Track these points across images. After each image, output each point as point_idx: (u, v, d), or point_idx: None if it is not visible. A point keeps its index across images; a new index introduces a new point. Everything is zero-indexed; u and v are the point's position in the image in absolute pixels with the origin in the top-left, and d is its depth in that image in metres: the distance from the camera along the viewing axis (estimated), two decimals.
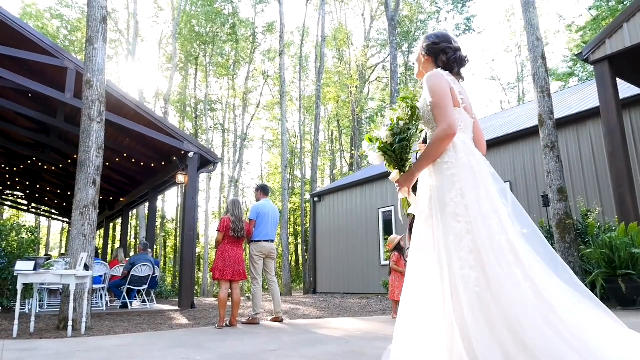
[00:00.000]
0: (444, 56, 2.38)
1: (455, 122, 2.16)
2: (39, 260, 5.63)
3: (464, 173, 2.12)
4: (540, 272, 1.97)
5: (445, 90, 2.20)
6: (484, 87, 58.70)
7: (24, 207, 22.17)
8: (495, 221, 2.02)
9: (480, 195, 2.07)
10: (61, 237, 37.33)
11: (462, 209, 2.04)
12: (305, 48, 31.98)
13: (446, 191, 2.11)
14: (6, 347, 4.30)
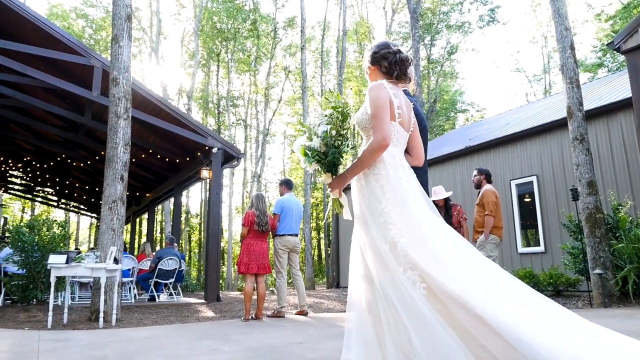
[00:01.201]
0: (385, 61, 2.45)
1: (389, 134, 2.25)
2: (71, 254, 5.79)
3: (393, 184, 2.22)
4: (473, 270, 2.08)
5: (384, 102, 2.28)
6: (508, 80, 57.57)
7: (54, 202, 22.77)
8: (427, 225, 2.15)
9: (411, 204, 2.19)
10: (89, 232, 38.23)
11: (393, 216, 2.15)
12: (326, 42, 31.88)
13: (375, 201, 2.22)
14: (42, 337, 4.44)
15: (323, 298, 10.37)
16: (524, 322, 1.90)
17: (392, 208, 2.17)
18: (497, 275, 2.10)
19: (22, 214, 37.42)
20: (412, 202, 2.19)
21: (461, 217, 6.78)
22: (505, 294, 2.01)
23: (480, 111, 35.61)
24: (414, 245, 2.10)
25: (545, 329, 1.90)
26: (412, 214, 2.17)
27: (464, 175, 11.57)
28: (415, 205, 2.20)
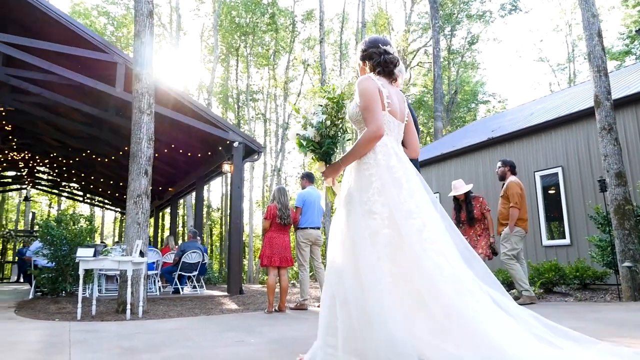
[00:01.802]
0: (371, 61, 2.52)
1: (382, 124, 2.29)
2: (98, 247, 5.91)
3: (382, 173, 2.25)
4: (459, 264, 2.14)
5: (373, 94, 2.33)
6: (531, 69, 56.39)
7: (80, 197, 23.29)
8: (418, 216, 2.17)
9: (401, 193, 2.21)
10: (114, 226, 38.97)
11: (378, 206, 2.19)
12: (345, 35, 31.72)
13: (364, 190, 2.25)
14: (72, 328, 4.56)
15: None
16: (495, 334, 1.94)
17: (378, 197, 2.21)
18: (472, 279, 2.12)
19: (49, 208, 38.36)
20: (400, 192, 2.22)
21: (484, 208, 6.70)
22: (472, 298, 2.04)
23: (502, 102, 34.99)
24: (396, 237, 2.14)
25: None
26: (399, 204, 2.19)
27: (486, 167, 11.41)
28: (405, 195, 2.22)
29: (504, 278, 8.63)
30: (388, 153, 2.31)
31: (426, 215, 2.22)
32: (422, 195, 2.29)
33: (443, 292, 2.04)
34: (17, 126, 12.72)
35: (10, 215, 38.15)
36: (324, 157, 2.49)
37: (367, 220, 2.19)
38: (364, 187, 2.26)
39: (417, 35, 33.53)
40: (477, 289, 2.10)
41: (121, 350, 3.34)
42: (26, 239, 22.96)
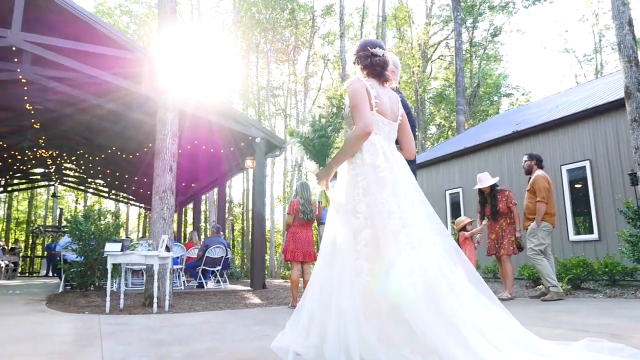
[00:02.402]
0: (360, 64, 2.62)
1: (370, 122, 2.35)
2: (125, 242, 6.04)
3: (367, 172, 2.31)
4: (437, 268, 2.16)
5: (360, 93, 2.41)
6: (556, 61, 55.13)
7: (105, 193, 23.76)
8: (397, 217, 2.20)
9: (384, 192, 2.25)
10: (138, 222, 39.66)
11: (362, 206, 2.24)
12: (365, 29, 31.52)
13: (350, 189, 2.32)
14: (102, 321, 4.66)
15: None
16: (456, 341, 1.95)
17: (363, 197, 2.27)
18: (449, 284, 2.14)
19: (75, 204, 39.25)
20: (383, 192, 2.26)
21: (510, 202, 6.59)
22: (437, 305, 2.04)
23: (525, 95, 34.34)
24: (375, 238, 2.18)
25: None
26: (380, 204, 2.23)
27: (510, 161, 11.23)
28: (388, 195, 2.25)
29: (529, 274, 8.50)
30: (375, 152, 2.36)
31: (409, 216, 2.25)
32: (408, 195, 2.32)
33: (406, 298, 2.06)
34: (45, 124, 13.02)
35: (39, 211, 39.20)
36: (318, 158, 2.52)
37: (351, 219, 2.26)
38: (351, 187, 2.33)
39: (438, 28, 33.15)
40: (451, 293, 2.12)
41: (150, 342, 3.40)
42: (54, 234, 23.58)
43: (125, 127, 12.60)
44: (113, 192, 23.39)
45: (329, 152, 2.53)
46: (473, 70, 31.21)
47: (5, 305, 6.43)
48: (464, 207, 12.49)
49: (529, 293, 7.45)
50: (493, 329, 2.12)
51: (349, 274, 2.17)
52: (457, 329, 2.01)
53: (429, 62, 33.65)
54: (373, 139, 2.39)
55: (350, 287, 2.13)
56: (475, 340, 1.99)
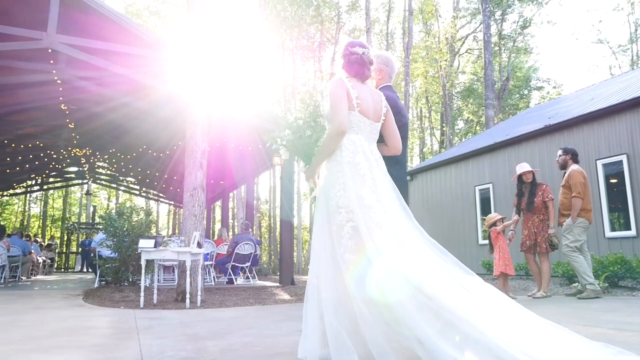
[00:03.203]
0: (342, 64, 2.72)
1: (345, 122, 2.44)
2: (158, 238, 6.15)
3: (347, 169, 2.41)
4: (421, 254, 2.29)
5: (338, 94, 2.49)
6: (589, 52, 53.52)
7: (136, 191, 24.28)
8: (379, 210, 2.32)
9: (364, 188, 2.36)
10: (168, 219, 40.42)
11: (343, 201, 2.35)
12: (391, 24, 31.25)
13: (331, 186, 2.43)
14: (137, 315, 4.77)
15: None
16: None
17: (343, 193, 2.37)
18: (433, 276, 2.19)
19: (107, 202, 40.26)
20: (363, 188, 2.36)
21: (546, 196, 6.43)
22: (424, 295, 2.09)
23: (557, 88, 33.49)
24: (357, 231, 2.28)
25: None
26: (361, 199, 2.33)
27: (543, 156, 10.96)
28: (368, 191, 2.36)
29: (564, 271, 8.30)
30: (355, 150, 2.45)
31: (390, 211, 2.36)
32: (387, 192, 2.42)
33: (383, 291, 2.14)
34: (78, 123, 13.37)
35: (73, 208, 40.38)
36: (303, 157, 2.64)
37: (334, 214, 2.36)
38: (332, 183, 2.43)
39: (465, 21, 32.61)
40: (429, 286, 2.14)
41: (186, 336, 3.46)
42: (88, 231, 24.25)
43: (155, 125, 12.81)
44: (143, 190, 23.88)
45: (313, 150, 2.63)
46: (502, 64, 30.57)
47: (45, 300, 6.65)
48: (495, 203, 12.27)
49: (564, 291, 7.27)
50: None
51: (331, 269, 2.32)
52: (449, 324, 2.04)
53: (456, 56, 33.14)
54: (353, 138, 2.49)
55: (339, 280, 2.26)
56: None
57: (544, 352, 1.88)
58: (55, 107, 11.57)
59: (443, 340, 1.94)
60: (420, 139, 35.98)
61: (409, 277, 2.13)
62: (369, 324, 2.12)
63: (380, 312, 2.13)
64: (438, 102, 33.48)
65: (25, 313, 5.09)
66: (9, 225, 31.95)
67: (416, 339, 1.98)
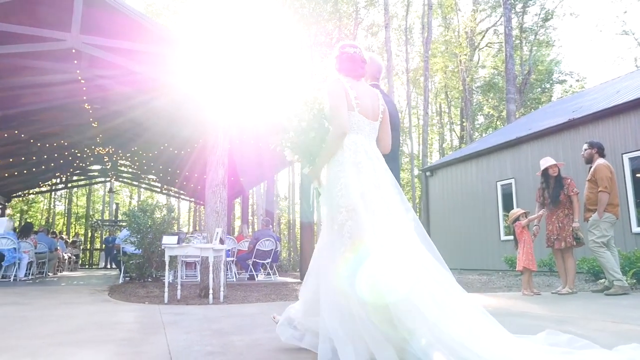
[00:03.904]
0: (335, 63, 2.82)
1: (346, 122, 2.49)
2: (181, 235, 6.23)
3: (349, 169, 2.44)
4: (418, 254, 2.35)
5: (336, 94, 2.55)
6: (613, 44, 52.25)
7: (158, 189, 24.59)
8: (382, 208, 2.38)
9: (367, 186, 2.40)
10: (189, 216, 40.90)
11: (344, 201, 2.39)
12: (409, 18, 30.97)
13: (332, 186, 2.48)
14: (162, 310, 4.84)
15: None
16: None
17: (345, 192, 2.41)
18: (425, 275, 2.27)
19: (130, 199, 40.92)
20: (363, 187, 2.41)
21: (571, 191, 6.30)
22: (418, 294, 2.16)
23: (580, 81, 32.74)
24: (358, 230, 2.33)
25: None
26: (364, 198, 2.38)
27: (567, 151, 10.75)
28: (371, 188, 2.41)
29: (589, 267, 8.15)
30: (356, 150, 2.50)
31: (390, 209, 2.41)
32: (389, 190, 2.47)
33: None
34: (101, 122, 13.60)
35: (97, 206, 41.16)
36: (308, 158, 2.66)
37: (335, 214, 2.42)
38: (334, 183, 2.48)
39: (485, 14, 32.14)
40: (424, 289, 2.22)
41: (211, 331, 3.50)
42: (111, 228, 24.68)
43: (175, 123, 12.93)
44: (164, 187, 24.17)
45: (317, 151, 2.65)
46: (523, 57, 30.06)
47: (72, 295, 6.80)
48: (517, 199, 12.09)
49: (590, 287, 7.13)
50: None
51: (332, 266, 2.38)
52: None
53: (476, 50, 32.70)
54: (355, 138, 2.53)
55: (345, 273, 2.29)
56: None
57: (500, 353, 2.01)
58: (78, 106, 11.79)
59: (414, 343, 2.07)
60: (440, 135, 35.65)
61: (399, 282, 2.19)
62: (364, 323, 2.17)
63: (370, 312, 2.19)
64: (458, 97, 33.11)
65: (53, 308, 5.22)
66: (35, 222, 32.75)
67: (403, 340, 2.10)
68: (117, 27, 9.60)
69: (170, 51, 9.06)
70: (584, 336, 3.08)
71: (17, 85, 9.88)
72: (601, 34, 52.14)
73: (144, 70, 9.04)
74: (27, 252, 10.50)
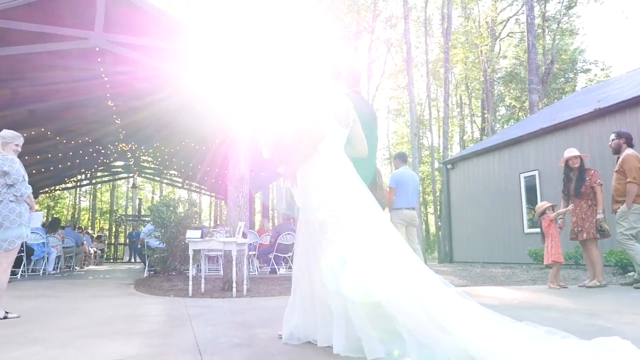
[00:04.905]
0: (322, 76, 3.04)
1: (322, 128, 2.70)
2: (204, 229, 6.30)
3: (325, 171, 2.66)
4: (390, 244, 2.57)
5: (317, 101, 2.85)
6: None
7: (179, 184, 24.90)
8: (356, 205, 2.59)
9: (338, 188, 2.61)
10: (210, 210, 41.33)
11: (324, 200, 2.58)
12: (429, 10, 30.56)
13: (311, 186, 2.68)
14: (187, 303, 4.92)
15: (439, 273, 10.14)
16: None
17: (323, 192, 2.61)
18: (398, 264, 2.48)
19: (152, 195, 41.55)
20: (339, 186, 2.62)
21: (594, 182, 6.16)
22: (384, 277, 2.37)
23: (605, 70, 31.86)
24: (336, 224, 2.52)
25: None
26: (338, 196, 2.59)
27: (593, 141, 10.51)
28: (342, 189, 2.62)
29: (617, 260, 7.98)
30: (330, 154, 2.72)
31: (363, 208, 2.61)
32: (359, 190, 2.66)
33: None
34: (124, 119, 13.80)
35: (120, 201, 41.92)
36: (283, 159, 2.87)
37: (315, 212, 2.60)
38: (312, 183, 2.68)
39: (506, 3, 31.51)
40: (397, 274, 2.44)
41: (236, 324, 3.54)
42: (135, 223, 25.12)
43: (197, 118, 13.06)
44: (186, 183, 24.46)
45: (294, 152, 2.82)
46: (546, 46, 29.41)
47: (99, 289, 6.96)
48: (541, 191, 11.88)
49: (618, 280, 6.99)
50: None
51: (317, 260, 2.56)
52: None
53: (497, 40, 32.15)
54: (329, 142, 2.73)
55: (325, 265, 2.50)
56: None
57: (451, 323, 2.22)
58: (102, 103, 11.99)
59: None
60: (460, 127, 35.21)
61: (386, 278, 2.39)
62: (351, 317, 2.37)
63: (348, 307, 2.39)
64: (478, 89, 32.61)
65: (82, 301, 5.35)
66: (62, 218, 33.52)
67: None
68: (138, 24, 9.71)
69: (190, 47, 9.13)
70: (613, 330, 3.02)
71: (43, 83, 10.09)
72: (627, 21, 50.63)
73: (164, 66, 9.13)
74: (55, 246, 10.77)
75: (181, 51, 9.44)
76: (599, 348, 2.17)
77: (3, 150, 4.09)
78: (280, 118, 3.02)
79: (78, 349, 2.70)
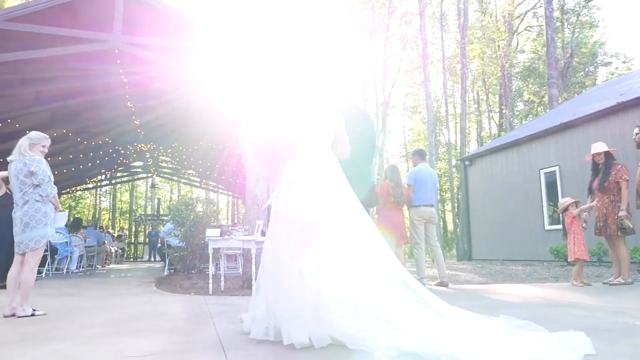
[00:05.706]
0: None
1: (299, 134, 2.81)
2: (223, 228, 6.35)
3: (304, 171, 2.72)
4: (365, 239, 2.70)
5: (298, 107, 2.97)
6: None
7: (197, 183, 25.13)
8: (329, 207, 2.64)
9: (317, 188, 2.68)
10: (227, 209, 41.61)
11: (298, 200, 2.65)
12: (444, 5, 30.27)
13: (288, 186, 2.75)
14: (208, 301, 4.97)
15: (458, 270, 10.11)
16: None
17: (299, 192, 2.67)
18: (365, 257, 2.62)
19: (170, 194, 42.02)
20: (316, 187, 2.68)
21: (620, 177, 6.03)
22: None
23: (626, 62, 31.16)
24: (310, 226, 2.58)
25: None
26: (315, 197, 2.64)
27: (615, 136, 10.29)
28: (321, 190, 2.67)
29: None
30: (312, 156, 2.78)
31: (340, 207, 2.68)
32: (340, 190, 2.73)
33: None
34: (143, 120, 13.98)
35: (139, 201, 42.47)
36: (267, 163, 3.07)
37: (288, 211, 2.66)
38: (289, 183, 2.74)
39: None
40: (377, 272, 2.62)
41: None
42: (154, 222, 25.42)
43: (213, 117, 13.13)
44: (204, 182, 24.66)
45: (277, 156, 2.91)
46: (565, 40, 28.91)
47: (122, 287, 7.07)
48: (562, 187, 11.70)
49: None
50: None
51: (286, 258, 2.62)
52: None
53: (514, 34, 31.69)
54: (309, 145, 2.81)
55: (289, 277, 2.58)
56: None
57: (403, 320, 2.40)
58: (121, 104, 12.15)
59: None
60: (478, 123, 34.82)
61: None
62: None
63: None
64: (496, 84, 32.21)
65: (105, 299, 5.44)
66: (83, 218, 34.10)
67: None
68: (154, 24, 9.81)
69: (204, 47, 9.20)
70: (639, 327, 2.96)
71: (64, 85, 10.27)
72: None
73: (180, 65, 9.21)
74: (78, 245, 10.97)
75: (196, 51, 9.51)
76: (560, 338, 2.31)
77: (30, 151, 4.18)
78: (261, 123, 3.12)
79: (104, 346, 2.74)
